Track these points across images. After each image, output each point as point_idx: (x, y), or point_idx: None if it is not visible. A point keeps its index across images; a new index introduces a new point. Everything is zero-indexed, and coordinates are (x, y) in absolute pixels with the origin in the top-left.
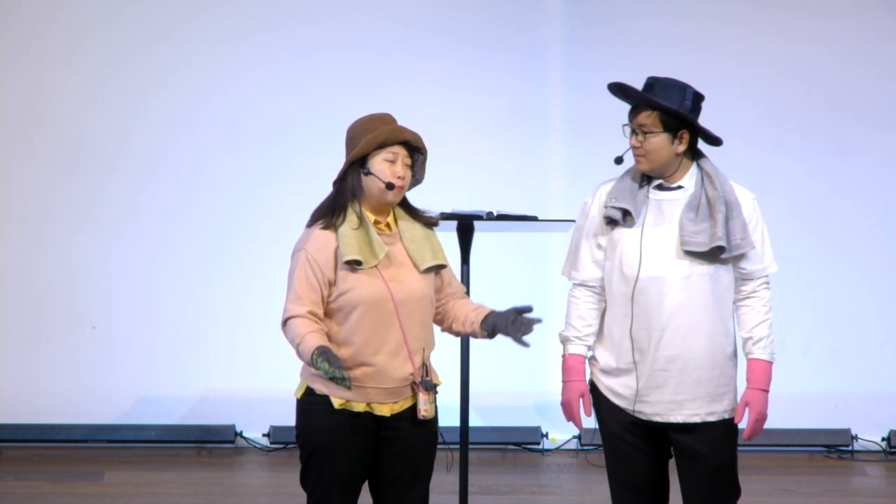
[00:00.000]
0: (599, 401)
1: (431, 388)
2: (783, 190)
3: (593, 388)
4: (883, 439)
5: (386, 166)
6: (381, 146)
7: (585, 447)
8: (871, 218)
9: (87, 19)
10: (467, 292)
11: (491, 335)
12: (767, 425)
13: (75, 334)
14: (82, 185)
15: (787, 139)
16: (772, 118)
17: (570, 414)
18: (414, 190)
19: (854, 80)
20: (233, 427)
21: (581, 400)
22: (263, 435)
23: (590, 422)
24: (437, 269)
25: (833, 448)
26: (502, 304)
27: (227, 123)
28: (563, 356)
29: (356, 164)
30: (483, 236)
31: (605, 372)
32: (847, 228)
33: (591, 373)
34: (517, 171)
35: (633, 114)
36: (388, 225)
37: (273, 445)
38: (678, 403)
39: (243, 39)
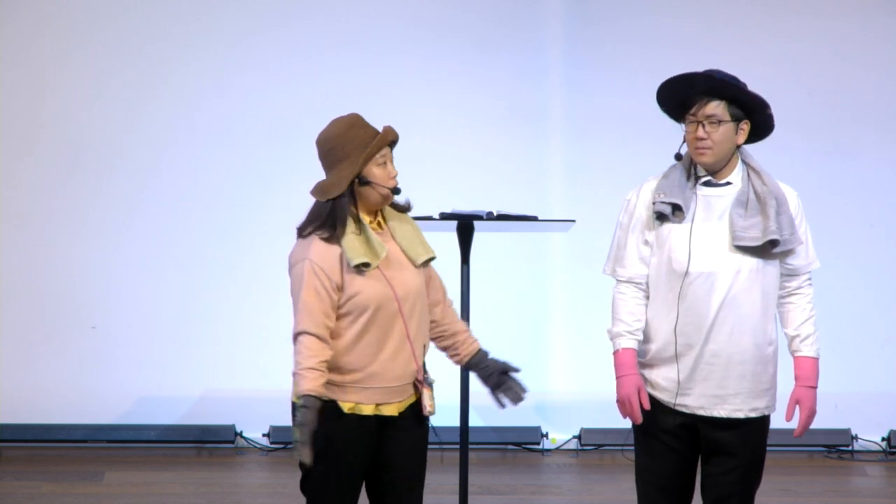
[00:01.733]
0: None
1: (432, 384)
2: None
3: None
4: (883, 439)
5: (381, 171)
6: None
7: (585, 447)
8: (870, 218)
9: (86, 20)
10: (467, 292)
11: (467, 369)
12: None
13: (75, 334)
14: (82, 185)
15: (787, 139)
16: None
17: (628, 409)
18: (412, 190)
19: (854, 80)
20: (233, 427)
21: (639, 393)
22: (263, 435)
23: (597, 421)
24: (428, 262)
25: (833, 448)
26: (502, 304)
27: (227, 123)
28: (615, 352)
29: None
30: (483, 236)
31: (647, 365)
32: (847, 228)
33: None
34: (517, 171)
35: (700, 105)
36: (379, 224)
37: (273, 445)
38: (721, 398)
39: (242, 40)
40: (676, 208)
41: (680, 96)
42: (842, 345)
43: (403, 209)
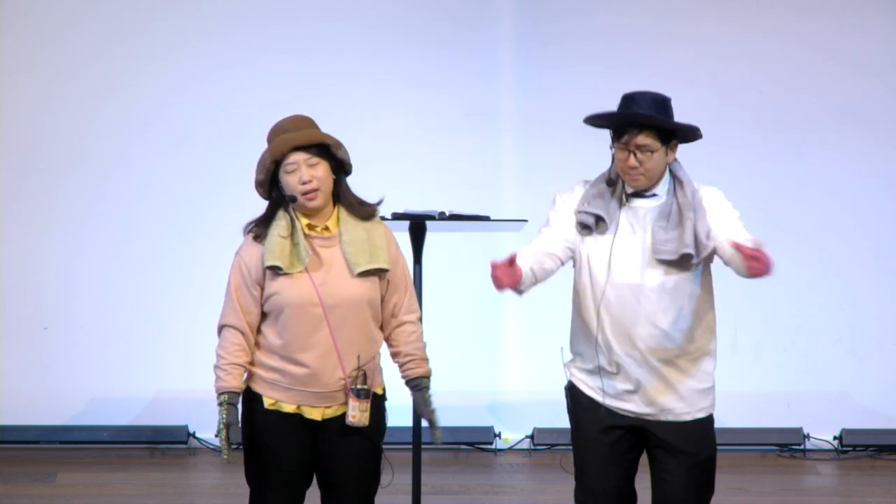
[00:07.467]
0: (578, 402)
1: (364, 395)
2: (733, 188)
3: (572, 388)
4: (834, 438)
5: (288, 179)
6: (278, 162)
7: (538, 447)
8: (822, 217)
9: (40, 21)
10: (420, 292)
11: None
12: (719, 424)
13: (28, 335)
14: (36, 184)
15: (739, 138)
16: (725, 114)
17: (495, 270)
18: (366, 190)
19: (805, 78)
20: (185, 428)
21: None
22: (216, 436)
23: (549, 421)
24: (379, 272)
25: (785, 447)
26: (455, 304)
27: (183, 125)
28: None
29: (275, 181)
30: (435, 236)
31: (589, 371)
32: (798, 227)
33: (571, 373)
34: (469, 171)
35: (630, 135)
36: (327, 228)
37: None
38: (665, 401)
39: (198, 42)
40: (599, 219)
41: (608, 127)
42: (793, 344)
43: (366, 214)
